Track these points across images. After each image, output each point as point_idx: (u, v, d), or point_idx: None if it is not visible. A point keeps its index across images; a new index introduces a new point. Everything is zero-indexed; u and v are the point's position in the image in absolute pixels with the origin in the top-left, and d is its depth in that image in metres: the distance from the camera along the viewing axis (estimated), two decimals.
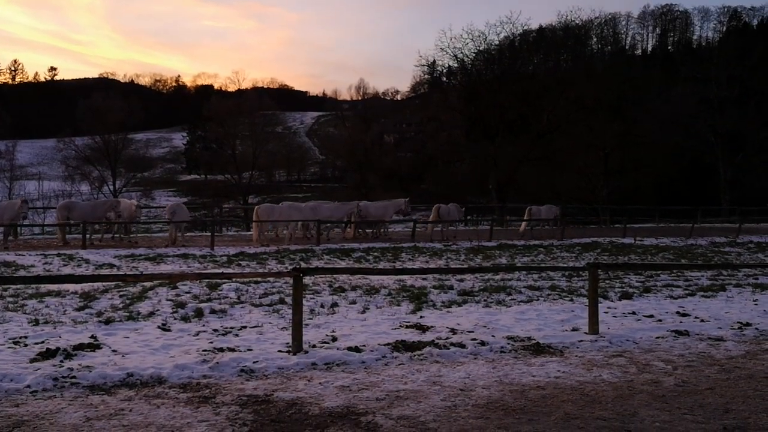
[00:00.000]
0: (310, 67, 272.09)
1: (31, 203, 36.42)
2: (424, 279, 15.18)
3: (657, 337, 10.11)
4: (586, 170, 52.63)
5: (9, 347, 8.55)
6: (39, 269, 16.46)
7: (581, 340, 9.76)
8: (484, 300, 13.15)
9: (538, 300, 13.36)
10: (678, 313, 12.19)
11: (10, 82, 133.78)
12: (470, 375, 7.83)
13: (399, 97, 76.22)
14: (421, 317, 11.43)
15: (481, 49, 54.73)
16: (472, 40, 54.06)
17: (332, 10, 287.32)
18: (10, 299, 11.88)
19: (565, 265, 18.61)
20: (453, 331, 10.25)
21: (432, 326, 10.57)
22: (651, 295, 14.28)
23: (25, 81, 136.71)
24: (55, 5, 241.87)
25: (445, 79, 61.31)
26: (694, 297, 14.27)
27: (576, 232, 31.99)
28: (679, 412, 6.54)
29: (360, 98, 75.51)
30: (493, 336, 9.86)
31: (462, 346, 9.22)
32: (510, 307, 12.56)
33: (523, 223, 31.33)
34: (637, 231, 32.09)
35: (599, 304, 10.78)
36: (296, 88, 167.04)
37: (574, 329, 10.55)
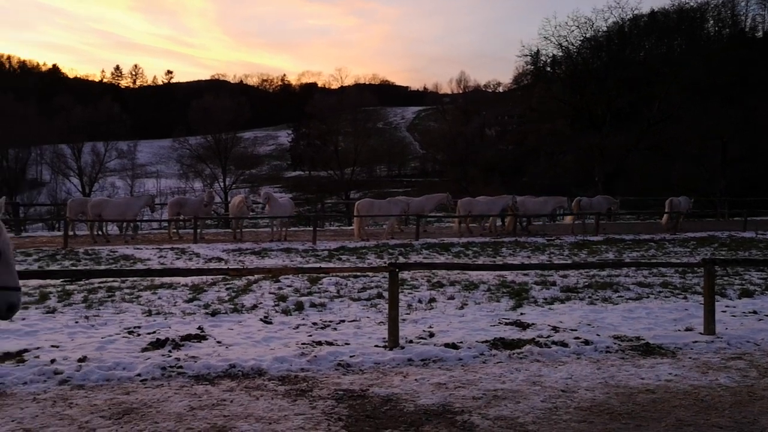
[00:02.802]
0: (410, 61, 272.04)
1: (152, 200, 38.48)
2: (525, 275, 14.78)
3: None
4: (702, 159, 49.68)
5: (123, 336, 9.00)
6: (154, 262, 17.32)
7: (696, 341, 9.16)
8: (589, 297, 12.63)
9: (648, 297, 12.68)
10: None
11: (131, 86, 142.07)
12: (573, 375, 7.52)
13: (501, 89, 74.74)
14: (521, 314, 11.12)
15: (587, 36, 52.92)
16: (577, 27, 52.36)
17: (432, 3, 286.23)
18: (127, 291, 12.53)
19: (678, 261, 17.62)
20: (555, 329, 9.90)
21: (533, 323, 10.25)
22: None
23: (145, 84, 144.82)
24: (170, 11, 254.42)
25: (549, 68, 59.63)
26: None
27: (691, 225, 30.30)
28: None
29: (461, 91, 75.01)
30: (598, 335, 9.44)
31: (564, 344, 8.88)
32: (617, 304, 11.99)
33: (665, 216, 29.88)
34: (759, 224, 30.02)
35: (716, 303, 10.10)
36: (397, 83, 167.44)
37: (688, 329, 9.93)
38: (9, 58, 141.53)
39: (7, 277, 4.72)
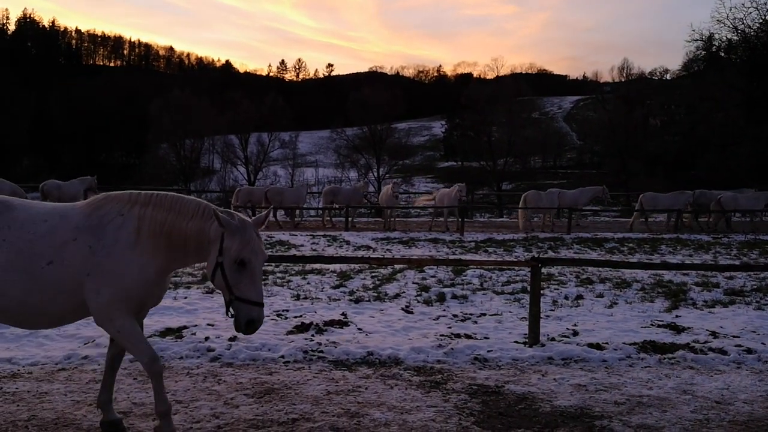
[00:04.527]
0: (570, 49, 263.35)
1: (308, 188, 40.47)
2: (685, 275, 13.81)
3: None
4: None
5: (272, 319, 9.49)
6: (307, 249, 18.10)
7: None
8: (756, 302, 11.55)
9: None
10: None
11: (295, 79, 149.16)
12: (730, 386, 6.92)
13: (668, 77, 69.86)
14: (676, 316, 10.40)
15: (767, 18, 48.22)
16: (756, 8, 47.82)
17: None
18: (279, 275, 13.21)
19: None
20: (714, 334, 9.17)
21: (689, 327, 9.56)
22: None
23: (307, 78, 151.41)
24: (332, 7, 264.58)
25: (723, 54, 55.01)
26: None
27: None
28: None
29: (623, 79, 71.13)
30: (763, 344, 8.61)
31: (723, 352, 8.20)
32: None
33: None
34: None
35: None
36: (555, 72, 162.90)
37: None
38: (188, 55, 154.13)
39: (250, 289, 4.58)
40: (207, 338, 7.94)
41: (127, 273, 4.61)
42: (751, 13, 48.01)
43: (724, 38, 52.45)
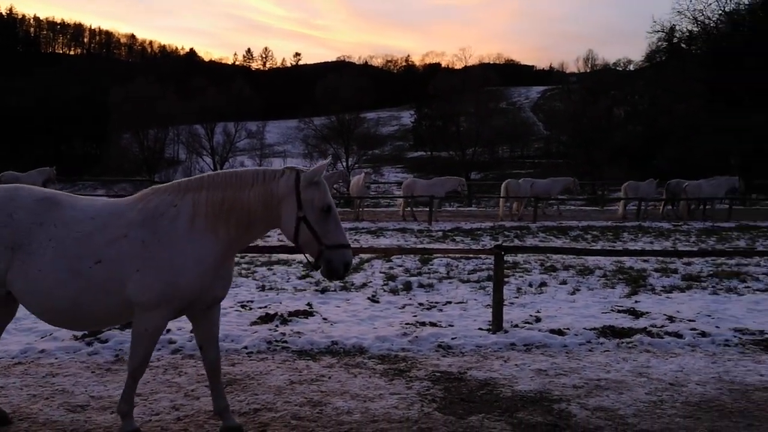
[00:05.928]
0: (537, 39, 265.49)
1: None
2: (645, 261, 14.10)
3: None
4: None
5: (236, 310, 9.45)
6: (274, 239, 17.99)
7: None
8: (712, 287, 11.85)
9: None
10: None
11: (262, 68, 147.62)
12: (684, 368, 7.11)
13: (632, 67, 70.81)
14: (636, 302, 10.63)
15: (727, 10, 49.15)
16: (716, 0, 48.79)
17: None
18: (245, 266, 13.13)
19: None
20: (670, 318, 9.39)
21: (647, 312, 9.78)
22: None
23: (274, 67, 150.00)
24: None
25: (684, 45, 55.93)
26: None
27: None
28: None
29: (588, 70, 72.00)
30: (717, 327, 8.86)
31: (679, 335, 8.41)
32: (742, 295, 11.19)
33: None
34: None
35: None
36: (522, 62, 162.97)
37: None
38: (151, 43, 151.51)
39: (339, 234, 4.58)
40: (168, 330, 7.87)
41: (181, 267, 4.44)
42: (710, 4, 48.95)
43: (685, 30, 53.41)
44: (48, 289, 4.47)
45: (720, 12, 49.63)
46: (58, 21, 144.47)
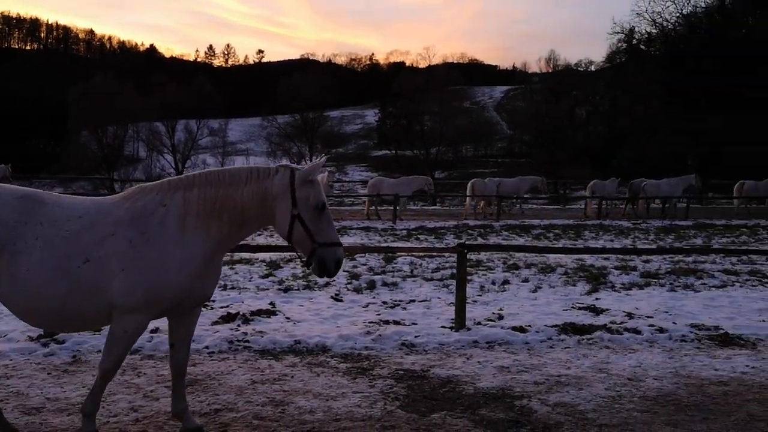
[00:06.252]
0: (500, 39, 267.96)
1: None
2: (606, 259, 14.34)
3: None
4: None
5: None
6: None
7: None
8: (670, 283, 12.13)
9: (733, 286, 12.08)
10: None
11: (224, 65, 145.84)
12: (642, 364, 7.25)
13: (593, 68, 71.96)
14: (596, 299, 10.81)
15: (684, 12, 50.26)
16: (673, 2, 49.87)
17: None
18: None
19: None
20: (629, 315, 9.57)
21: (607, 309, 9.95)
22: None
23: (237, 64, 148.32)
24: None
25: (643, 47, 57.05)
26: None
27: None
28: None
29: (550, 70, 72.99)
30: (674, 323, 9.06)
31: (637, 332, 8.57)
32: (699, 292, 11.48)
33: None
34: None
35: None
36: (486, 62, 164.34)
37: None
38: (110, 39, 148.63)
39: (331, 232, 4.60)
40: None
41: (171, 266, 4.35)
42: (668, 6, 50.04)
43: (644, 31, 54.46)
44: (37, 289, 4.34)
45: (678, 14, 50.78)
46: (14, 15, 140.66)
